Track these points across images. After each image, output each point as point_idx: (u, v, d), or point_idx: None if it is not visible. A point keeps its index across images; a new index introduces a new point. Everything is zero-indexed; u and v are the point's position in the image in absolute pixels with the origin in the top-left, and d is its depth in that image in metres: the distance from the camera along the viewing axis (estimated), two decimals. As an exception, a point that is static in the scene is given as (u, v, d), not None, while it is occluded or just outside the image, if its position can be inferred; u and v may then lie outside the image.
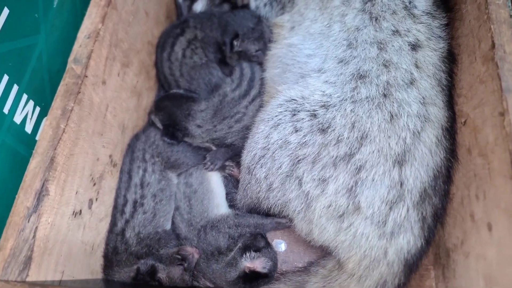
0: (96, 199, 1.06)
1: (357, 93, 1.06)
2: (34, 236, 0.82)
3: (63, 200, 0.90)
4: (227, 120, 1.23)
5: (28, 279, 0.80)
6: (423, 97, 1.04)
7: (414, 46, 1.08)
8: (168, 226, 1.18)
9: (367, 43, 1.08)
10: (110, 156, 1.12)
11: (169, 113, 1.22)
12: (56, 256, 0.89)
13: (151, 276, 1.04)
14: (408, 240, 1.02)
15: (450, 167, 1.05)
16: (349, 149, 1.03)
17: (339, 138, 1.04)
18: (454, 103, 1.08)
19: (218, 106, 1.24)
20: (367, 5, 1.12)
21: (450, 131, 1.06)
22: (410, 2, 1.12)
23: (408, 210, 1.02)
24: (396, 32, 1.08)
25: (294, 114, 1.09)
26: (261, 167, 1.10)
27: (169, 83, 1.36)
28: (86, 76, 0.95)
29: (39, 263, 0.83)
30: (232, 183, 1.27)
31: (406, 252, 1.02)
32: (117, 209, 1.13)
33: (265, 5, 1.38)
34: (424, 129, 1.03)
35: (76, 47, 0.97)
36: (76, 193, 0.96)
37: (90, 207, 1.03)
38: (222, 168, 1.25)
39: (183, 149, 1.22)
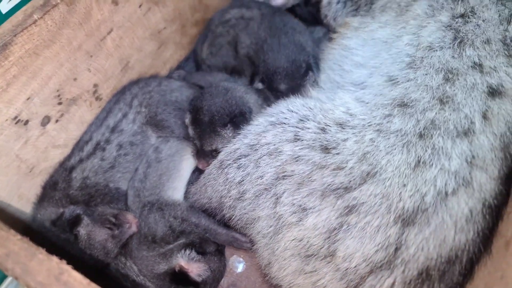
0: (57, 121, 0.94)
1: (387, 123, 0.84)
2: None
3: (4, 96, 0.79)
4: None
5: None
6: (472, 156, 0.78)
7: (494, 92, 0.82)
8: (124, 186, 1.03)
9: (433, 67, 0.86)
10: (95, 86, 1.00)
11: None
12: (-30, 152, 0.78)
13: (71, 226, 0.89)
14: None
15: (476, 256, 0.76)
16: (348, 181, 0.80)
17: (341, 165, 0.82)
18: (515, 182, 0.79)
19: None
20: (457, 21, 0.90)
21: (494, 212, 0.77)
22: (511, 39, 0.86)
23: (393, 285, 0.75)
24: (478, 66, 0.85)
25: (302, 120, 0.89)
26: (239, 168, 0.90)
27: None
28: (91, -18, 0.85)
29: None
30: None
31: None
32: (78, 144, 1.01)
33: (338, 2, 1.21)
34: (456, 194, 0.76)
35: None
36: (28, 99, 0.84)
37: (43, 125, 0.91)
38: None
39: (176, 114, 1.06)
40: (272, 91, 1.06)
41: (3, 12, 0.82)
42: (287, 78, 1.04)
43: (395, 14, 1.01)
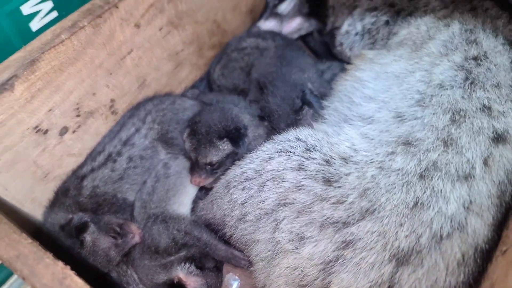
0: (74, 131, 0.99)
1: (389, 161, 0.86)
2: (-27, 121, 0.77)
3: (28, 107, 0.85)
4: None
5: None
6: (470, 201, 0.80)
7: (498, 138, 0.84)
8: (131, 197, 1.07)
9: (441, 107, 0.88)
10: (112, 101, 1.06)
11: None
12: (-7, 156, 0.84)
13: (78, 232, 0.93)
14: None
15: None
16: (347, 216, 0.83)
17: (341, 199, 0.84)
18: (506, 227, 0.80)
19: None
20: (469, 62, 0.93)
21: (484, 256, 0.78)
22: None
23: (385, 323, 0.77)
24: (486, 109, 0.86)
25: (308, 150, 0.92)
26: (243, 190, 0.94)
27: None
28: (117, 7, 0.91)
29: (-34, 150, 0.78)
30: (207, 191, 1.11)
31: None
32: (92, 154, 1.06)
33: (356, 33, 1.25)
34: (450, 238, 0.78)
35: (124, -23, 0.94)
36: (50, 110, 0.90)
37: (61, 134, 0.96)
38: None
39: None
40: (274, 130, 1.10)
41: (33, 30, 0.89)
42: (283, 117, 1.08)
43: (410, 50, 1.03)
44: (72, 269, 0.60)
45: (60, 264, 0.59)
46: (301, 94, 1.09)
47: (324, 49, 1.39)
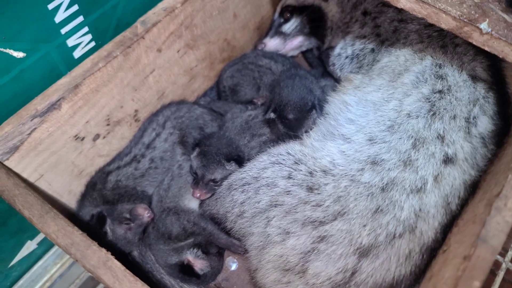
0: (104, 137, 1.20)
1: (359, 175, 1.04)
2: (29, 134, 0.97)
3: (70, 121, 1.05)
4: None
5: (6, 162, 0.95)
6: (419, 209, 0.99)
7: (447, 160, 1.02)
8: (150, 190, 1.27)
9: (406, 133, 1.05)
10: (136, 111, 1.25)
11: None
12: (42, 159, 1.04)
13: (100, 224, 1.12)
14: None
15: (412, 284, 1.00)
16: (323, 216, 1.03)
17: (319, 203, 1.04)
18: (450, 231, 1.01)
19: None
20: (434, 95, 1.07)
21: (430, 254, 0.99)
22: (474, 118, 1.06)
23: (346, 301, 0.98)
24: (440, 137, 1.03)
25: (296, 163, 1.11)
26: (242, 192, 1.13)
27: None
28: (143, 38, 1.10)
29: (23, 156, 0.99)
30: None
31: None
32: (120, 155, 1.26)
33: (346, 57, 1.39)
34: (402, 237, 0.98)
35: (150, 12, 1.12)
36: (87, 122, 1.10)
37: (94, 140, 1.17)
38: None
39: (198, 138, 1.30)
40: (282, 119, 1.26)
41: (76, 57, 1.08)
42: (295, 110, 1.24)
43: (388, 79, 1.16)
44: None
45: (104, 250, 0.80)
46: (313, 99, 1.27)
47: (320, 64, 1.56)
